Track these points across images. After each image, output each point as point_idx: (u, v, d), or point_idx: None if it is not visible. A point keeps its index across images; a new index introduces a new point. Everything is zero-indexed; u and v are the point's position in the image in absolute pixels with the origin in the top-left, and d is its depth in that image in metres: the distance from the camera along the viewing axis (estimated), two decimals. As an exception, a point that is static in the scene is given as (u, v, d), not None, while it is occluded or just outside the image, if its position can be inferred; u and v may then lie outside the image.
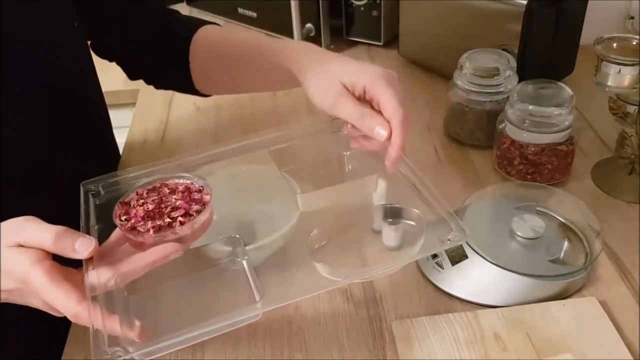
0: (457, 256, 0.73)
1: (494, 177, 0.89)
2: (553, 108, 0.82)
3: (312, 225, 0.69)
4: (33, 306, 0.55)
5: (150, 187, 0.60)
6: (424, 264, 0.74)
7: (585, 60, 1.04)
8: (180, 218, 0.56)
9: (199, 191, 0.59)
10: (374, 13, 1.18)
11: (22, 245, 0.52)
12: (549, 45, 0.98)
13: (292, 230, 0.74)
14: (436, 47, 1.09)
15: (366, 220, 0.72)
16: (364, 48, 1.24)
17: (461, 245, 0.73)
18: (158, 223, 0.56)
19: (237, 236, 0.66)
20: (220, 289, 0.68)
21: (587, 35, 1.00)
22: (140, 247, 0.55)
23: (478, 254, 0.72)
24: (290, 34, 1.20)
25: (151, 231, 0.55)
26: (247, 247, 0.70)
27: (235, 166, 0.82)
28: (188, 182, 0.60)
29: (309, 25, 1.19)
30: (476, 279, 0.71)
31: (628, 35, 0.88)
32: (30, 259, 0.51)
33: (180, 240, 0.56)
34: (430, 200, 0.64)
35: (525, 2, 0.93)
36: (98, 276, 0.52)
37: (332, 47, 1.22)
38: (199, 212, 0.57)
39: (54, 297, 0.51)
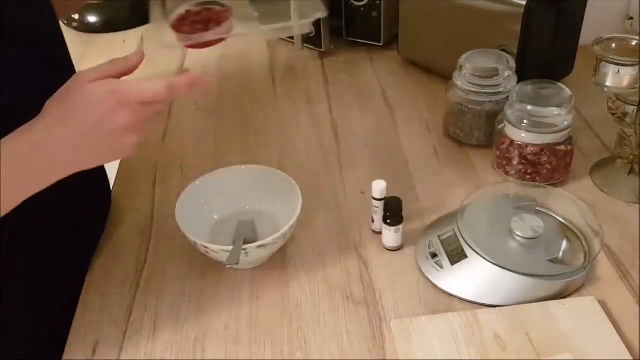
0: (457, 256, 0.73)
1: (493, 177, 0.89)
2: (552, 108, 0.82)
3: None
4: (116, 127, 0.57)
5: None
6: (423, 263, 0.75)
7: (584, 61, 1.04)
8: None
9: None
10: (374, 14, 1.18)
11: None
12: (548, 46, 0.99)
13: (292, 230, 0.75)
14: (436, 47, 1.09)
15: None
16: (363, 49, 1.24)
17: (461, 245, 0.74)
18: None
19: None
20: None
21: (587, 35, 1.00)
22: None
23: (477, 253, 0.72)
24: (290, 35, 1.20)
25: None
26: (247, 247, 0.71)
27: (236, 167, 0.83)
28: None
29: (309, 25, 1.20)
30: (475, 278, 0.71)
31: (627, 35, 0.88)
32: (110, 77, 0.58)
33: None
34: None
35: (524, 3, 0.93)
36: None
37: (332, 47, 1.23)
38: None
39: (145, 86, 0.57)
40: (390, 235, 0.76)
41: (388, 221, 0.75)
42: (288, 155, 0.96)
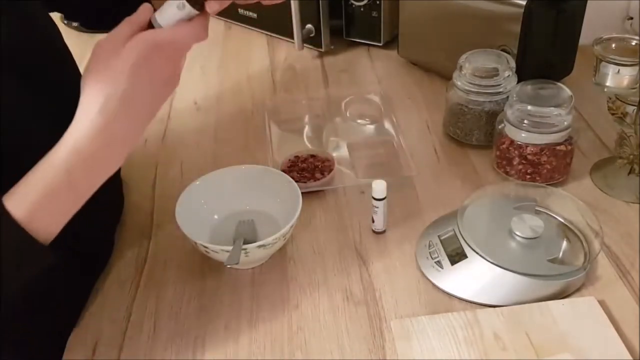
0: (457, 256, 0.73)
1: (493, 177, 0.89)
2: (552, 108, 0.82)
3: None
4: (157, 78, 0.59)
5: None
6: (423, 263, 0.75)
7: (584, 61, 1.04)
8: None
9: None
10: (374, 14, 1.18)
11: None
12: (548, 46, 0.99)
13: (292, 230, 0.75)
14: (435, 47, 1.09)
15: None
16: (363, 49, 1.24)
17: (460, 245, 0.74)
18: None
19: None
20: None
21: (586, 35, 1.00)
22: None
23: (477, 253, 0.72)
24: (290, 35, 1.20)
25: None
26: (247, 247, 0.71)
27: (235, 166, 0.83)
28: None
29: (309, 25, 1.20)
30: (475, 278, 0.71)
31: (627, 35, 0.88)
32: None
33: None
34: None
35: (524, 3, 0.93)
36: None
37: (332, 47, 1.23)
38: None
39: (178, 32, 0.59)
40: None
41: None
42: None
